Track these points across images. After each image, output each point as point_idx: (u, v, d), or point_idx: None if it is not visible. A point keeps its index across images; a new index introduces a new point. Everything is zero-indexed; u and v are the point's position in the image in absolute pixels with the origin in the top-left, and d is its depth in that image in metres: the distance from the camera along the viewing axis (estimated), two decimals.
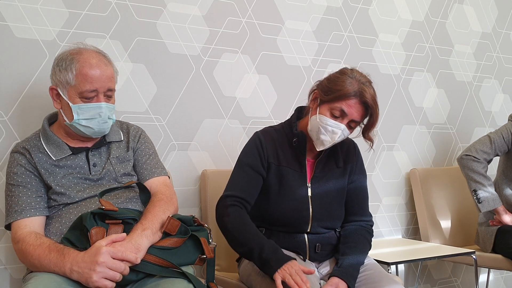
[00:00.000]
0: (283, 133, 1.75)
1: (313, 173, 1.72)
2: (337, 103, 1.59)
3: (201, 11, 2.20)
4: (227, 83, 2.26)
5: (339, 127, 1.61)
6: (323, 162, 1.73)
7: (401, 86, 2.76)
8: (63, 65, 1.47)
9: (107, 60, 1.53)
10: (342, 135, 1.63)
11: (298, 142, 1.70)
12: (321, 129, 1.62)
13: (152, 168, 1.63)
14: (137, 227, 1.36)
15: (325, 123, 1.61)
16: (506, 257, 2.28)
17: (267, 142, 1.71)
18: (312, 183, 1.70)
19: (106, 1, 1.99)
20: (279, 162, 1.69)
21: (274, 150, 1.70)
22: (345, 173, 1.76)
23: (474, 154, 2.36)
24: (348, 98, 1.58)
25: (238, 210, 1.61)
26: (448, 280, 2.89)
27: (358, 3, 2.63)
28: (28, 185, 1.46)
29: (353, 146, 1.82)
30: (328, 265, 1.70)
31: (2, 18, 1.81)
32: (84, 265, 1.23)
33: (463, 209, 2.69)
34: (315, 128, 1.64)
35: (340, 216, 1.75)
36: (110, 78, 1.50)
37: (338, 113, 1.60)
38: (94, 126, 1.50)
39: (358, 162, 1.80)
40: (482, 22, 3.08)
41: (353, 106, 1.59)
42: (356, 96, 1.59)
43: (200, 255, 1.42)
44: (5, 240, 1.78)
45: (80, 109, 1.47)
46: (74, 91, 1.46)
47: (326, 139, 1.62)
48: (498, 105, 3.14)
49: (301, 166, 1.71)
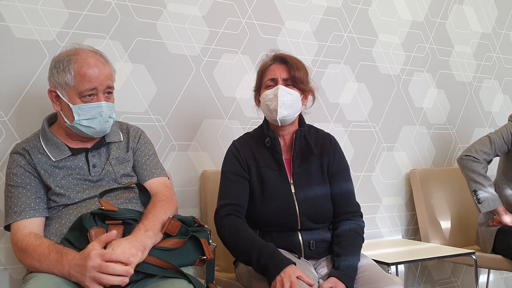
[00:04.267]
0: (257, 136, 1.81)
1: (292, 169, 1.74)
2: (265, 77, 1.74)
3: (201, 11, 2.20)
4: (227, 84, 2.26)
5: (277, 88, 1.69)
6: (299, 156, 1.76)
7: (401, 87, 2.76)
8: (61, 67, 1.47)
9: (104, 59, 1.54)
10: (287, 94, 1.69)
11: (271, 141, 1.74)
12: (267, 103, 1.71)
13: (152, 168, 1.63)
14: (139, 227, 1.36)
15: (266, 95, 1.72)
16: (506, 257, 2.28)
17: (242, 148, 1.77)
18: (294, 179, 1.73)
19: (106, 2, 1.99)
20: (257, 164, 1.73)
21: (251, 153, 1.75)
22: (323, 164, 1.76)
23: (474, 155, 2.36)
24: (269, 67, 1.74)
25: (233, 219, 1.63)
26: (448, 281, 2.89)
27: (358, 3, 2.63)
28: (27, 186, 1.46)
29: (329, 138, 1.84)
30: (325, 266, 1.70)
31: (2, 19, 1.81)
32: (78, 269, 1.23)
33: (463, 209, 2.69)
34: (265, 108, 1.74)
35: (328, 210, 1.75)
36: (108, 76, 1.50)
37: (270, 82, 1.73)
38: (95, 126, 1.50)
39: (336, 155, 1.80)
40: (482, 22, 3.08)
41: (276, 68, 1.73)
42: (273, 61, 1.75)
43: (200, 256, 1.41)
44: (5, 240, 1.78)
45: (81, 109, 1.47)
46: (73, 92, 1.46)
47: (274, 104, 1.69)
48: (498, 105, 3.14)
49: (279, 165, 1.73)
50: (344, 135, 2.54)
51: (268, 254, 1.51)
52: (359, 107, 2.61)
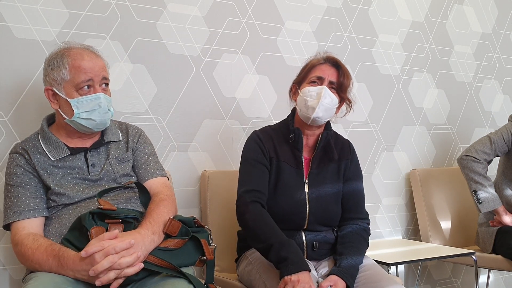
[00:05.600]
0: (280, 131, 1.80)
1: (310, 169, 1.75)
2: (312, 73, 1.74)
3: (201, 11, 2.20)
4: (227, 84, 2.26)
5: (321, 88, 1.70)
6: (318, 158, 1.77)
7: (401, 87, 2.76)
8: (55, 63, 1.48)
9: (96, 53, 1.55)
10: (329, 97, 1.70)
11: (295, 138, 1.74)
12: (306, 98, 1.71)
13: (152, 168, 1.63)
14: (147, 227, 1.35)
15: (308, 91, 1.71)
16: (506, 257, 2.28)
17: (265, 139, 1.76)
18: (309, 180, 1.73)
19: (106, 2, 1.99)
20: (278, 157, 1.74)
21: (272, 146, 1.75)
22: (340, 169, 1.79)
23: (474, 155, 2.36)
24: (319, 65, 1.74)
25: (258, 207, 1.63)
26: (448, 281, 2.89)
27: (358, 3, 2.63)
28: (27, 186, 1.46)
29: (348, 144, 1.87)
30: (326, 266, 1.70)
31: (2, 19, 1.81)
32: (84, 273, 1.25)
33: (463, 209, 2.69)
34: (302, 103, 1.73)
35: (337, 213, 1.76)
36: (102, 67, 1.52)
37: (316, 79, 1.72)
38: (95, 117, 1.50)
39: (353, 161, 1.83)
40: (482, 22, 3.08)
41: (326, 69, 1.73)
42: (325, 61, 1.75)
43: (200, 256, 1.41)
44: (5, 240, 1.78)
45: (79, 102, 1.47)
46: (70, 85, 1.47)
47: (314, 102, 1.69)
48: (498, 105, 3.14)
49: (297, 163, 1.74)
50: (344, 135, 2.53)
51: (291, 249, 1.51)
52: (359, 107, 2.61)
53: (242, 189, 1.68)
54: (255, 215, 1.60)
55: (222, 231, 2.05)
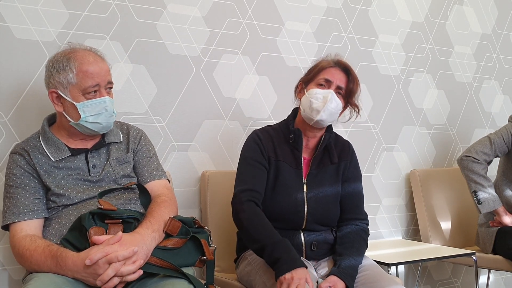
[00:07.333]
0: (280, 131, 1.80)
1: (309, 169, 1.75)
2: (320, 75, 1.73)
3: (201, 12, 2.20)
4: (227, 84, 2.25)
5: (328, 92, 1.69)
6: (318, 159, 1.77)
7: (401, 87, 2.76)
8: (61, 66, 1.47)
9: (100, 56, 1.55)
10: (335, 102, 1.69)
11: (294, 138, 1.74)
12: (312, 100, 1.70)
13: (153, 170, 1.63)
14: (147, 226, 1.35)
15: (314, 93, 1.70)
16: (506, 258, 2.28)
17: (265, 139, 1.76)
18: (308, 180, 1.73)
19: (106, 2, 1.99)
20: (277, 157, 1.74)
21: (272, 146, 1.75)
22: (339, 169, 1.79)
23: (474, 155, 2.36)
24: (329, 68, 1.73)
25: (253, 206, 1.63)
26: (448, 281, 2.89)
27: (358, 4, 2.63)
28: (26, 187, 1.46)
29: (348, 145, 1.87)
30: (326, 266, 1.70)
31: (2, 19, 1.81)
32: (86, 275, 1.25)
33: (463, 210, 2.69)
34: (306, 103, 1.72)
35: (335, 214, 1.77)
36: (108, 71, 1.53)
37: (324, 82, 1.71)
38: (101, 121, 1.50)
39: (353, 161, 1.84)
40: (482, 23, 3.08)
41: (335, 73, 1.72)
42: (335, 65, 1.74)
43: (200, 256, 1.41)
44: (4, 241, 1.78)
45: (86, 106, 1.47)
46: (76, 90, 1.47)
47: (318, 105, 1.69)
48: (498, 106, 3.14)
49: (297, 163, 1.74)
50: (344, 136, 2.54)
51: (283, 249, 1.51)
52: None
53: (238, 188, 1.68)
54: (249, 214, 1.60)
55: (222, 231, 2.05)
